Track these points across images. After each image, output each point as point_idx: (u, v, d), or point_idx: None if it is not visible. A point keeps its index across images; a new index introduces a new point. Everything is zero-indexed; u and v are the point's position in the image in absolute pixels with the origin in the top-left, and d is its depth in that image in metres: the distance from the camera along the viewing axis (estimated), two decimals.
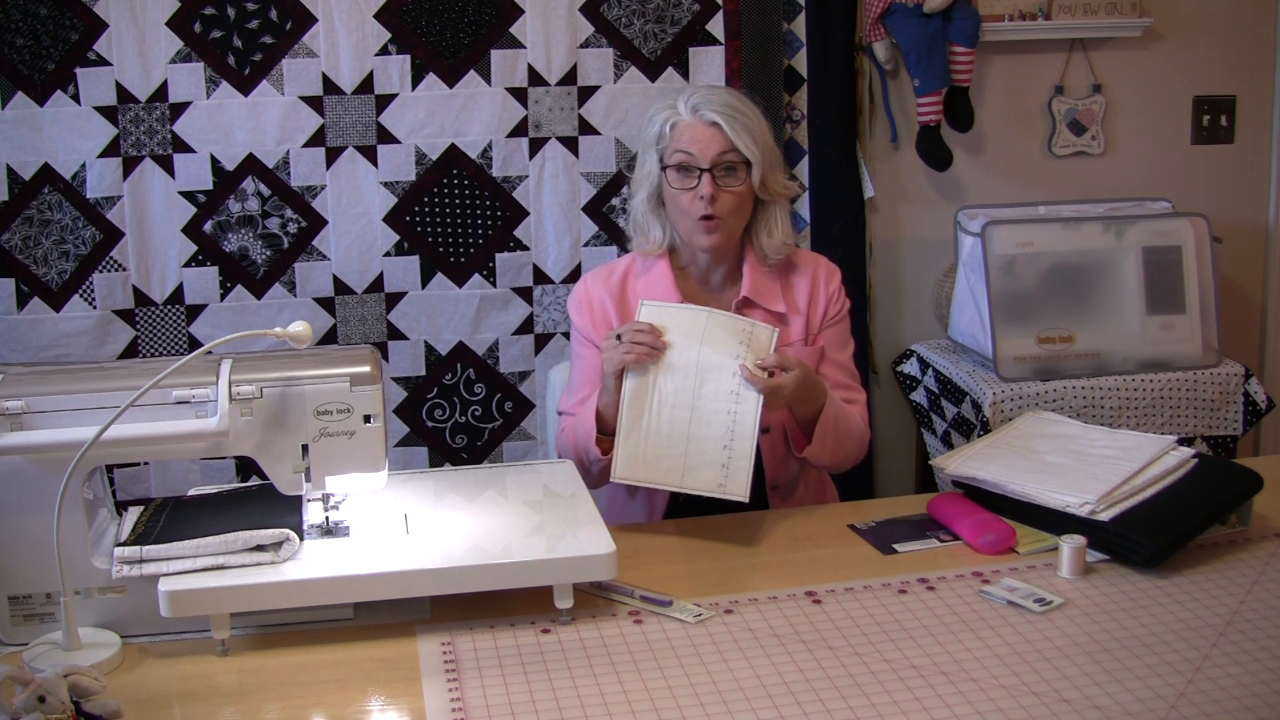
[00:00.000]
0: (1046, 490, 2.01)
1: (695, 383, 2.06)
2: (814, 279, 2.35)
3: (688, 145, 2.21)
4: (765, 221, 2.31)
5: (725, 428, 2.04)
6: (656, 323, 2.09)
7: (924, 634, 1.72)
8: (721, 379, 2.05)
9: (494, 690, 1.60)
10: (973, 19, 3.22)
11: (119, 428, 1.67)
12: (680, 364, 2.07)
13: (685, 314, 2.11)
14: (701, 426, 2.05)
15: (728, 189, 2.22)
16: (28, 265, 2.92)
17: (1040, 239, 3.06)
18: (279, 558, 1.73)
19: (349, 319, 3.07)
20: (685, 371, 2.06)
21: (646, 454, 2.07)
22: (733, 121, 2.21)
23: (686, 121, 2.24)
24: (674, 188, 2.24)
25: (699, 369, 2.06)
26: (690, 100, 2.25)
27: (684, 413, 2.06)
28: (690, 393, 2.06)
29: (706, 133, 2.21)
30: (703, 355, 2.06)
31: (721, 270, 2.33)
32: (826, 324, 2.34)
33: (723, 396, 2.05)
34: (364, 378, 1.78)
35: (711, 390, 2.05)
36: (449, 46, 3.00)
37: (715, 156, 2.20)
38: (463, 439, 3.17)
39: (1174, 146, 3.56)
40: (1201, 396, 3.04)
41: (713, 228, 2.22)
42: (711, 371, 2.06)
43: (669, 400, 2.06)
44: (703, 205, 2.20)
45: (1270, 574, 1.89)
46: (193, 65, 2.91)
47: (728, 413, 2.04)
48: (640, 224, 2.33)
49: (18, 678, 1.43)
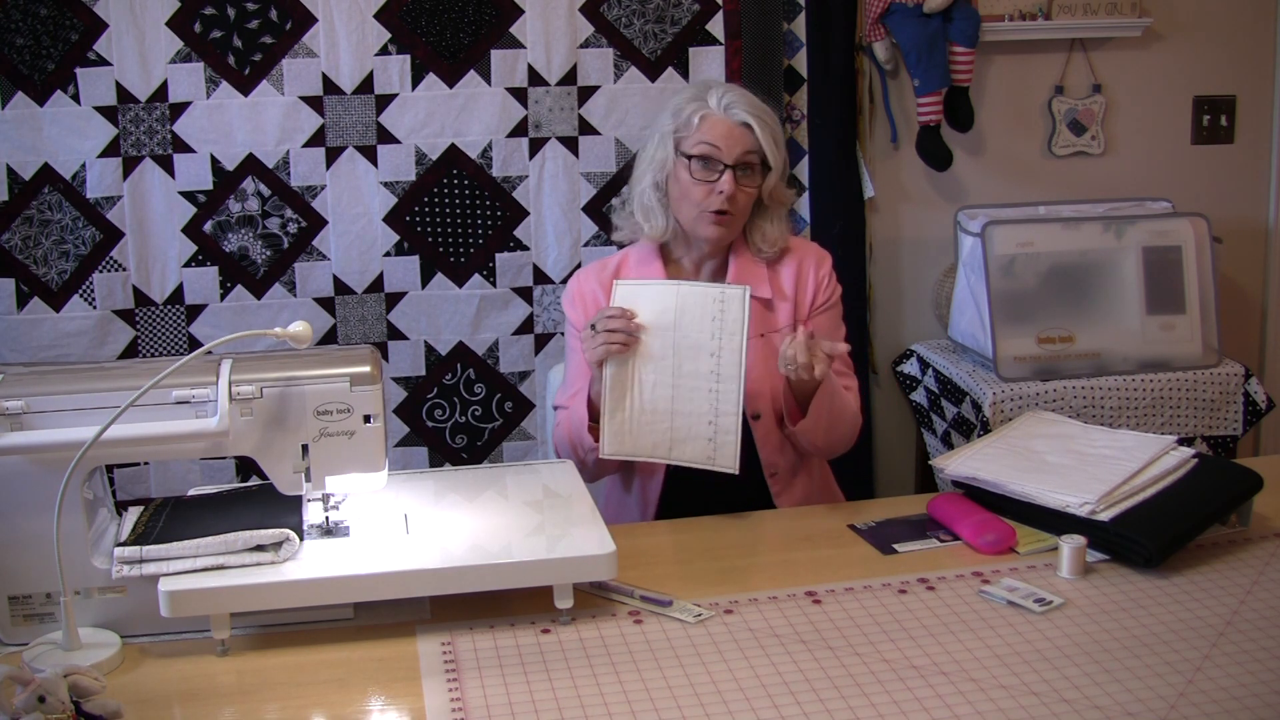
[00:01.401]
0: (1046, 490, 2.01)
1: (674, 364, 2.11)
2: (801, 264, 2.37)
3: (715, 139, 2.24)
4: (762, 221, 2.34)
5: (709, 405, 2.10)
6: (630, 303, 2.13)
7: (924, 634, 1.72)
8: (700, 359, 2.10)
9: (494, 690, 1.60)
10: (973, 19, 3.22)
11: (119, 428, 1.67)
12: (658, 348, 2.11)
13: (657, 290, 2.14)
14: (684, 403, 2.11)
15: (745, 188, 2.26)
16: (28, 265, 2.92)
17: (1040, 239, 3.06)
18: (279, 558, 1.73)
19: (349, 319, 3.07)
20: (663, 355, 2.11)
21: (632, 429, 2.13)
22: (763, 126, 2.26)
23: (717, 117, 2.27)
24: (693, 177, 2.26)
25: (675, 351, 2.11)
26: (722, 98, 2.28)
27: (666, 391, 2.11)
28: (670, 372, 2.11)
29: (737, 131, 2.25)
30: (679, 338, 2.10)
31: (713, 263, 2.36)
32: (817, 310, 2.35)
33: (703, 376, 2.10)
34: (364, 378, 1.78)
35: (691, 370, 2.10)
36: (449, 46, 3.00)
37: (740, 155, 2.24)
38: (463, 439, 3.17)
39: (1174, 146, 3.56)
40: (1201, 396, 3.04)
41: (724, 222, 2.25)
42: (689, 352, 2.10)
43: (650, 380, 2.12)
44: (719, 200, 2.23)
45: (1270, 574, 1.89)
46: (193, 65, 2.91)
47: (709, 391, 2.10)
48: (643, 209, 2.34)
49: (18, 678, 1.43)
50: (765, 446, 2.29)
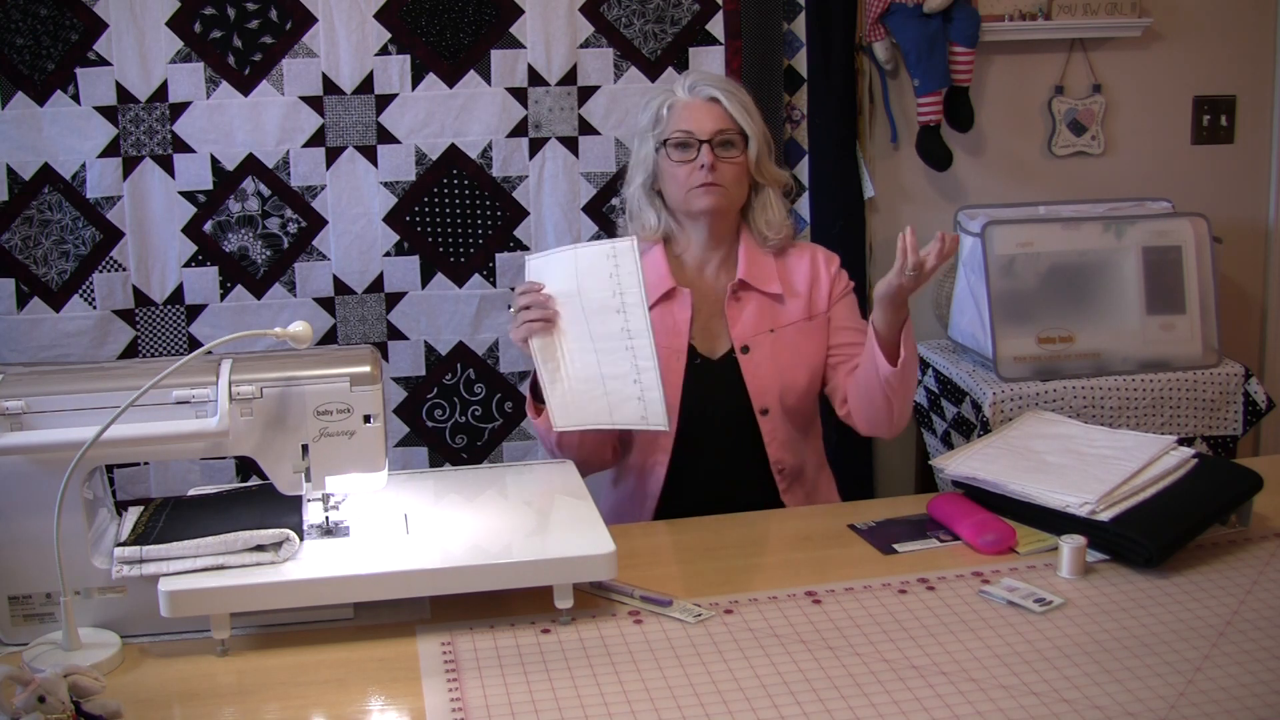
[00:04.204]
0: (1046, 490, 2.01)
1: (588, 329, 2.10)
2: (813, 262, 2.37)
3: (686, 122, 2.27)
4: (761, 204, 2.35)
5: (629, 364, 2.09)
6: (540, 277, 2.13)
7: (924, 634, 1.72)
8: (608, 319, 2.08)
9: (494, 690, 1.60)
10: (973, 19, 3.22)
11: (119, 428, 1.67)
12: (569, 316, 2.11)
13: (557, 259, 2.13)
14: (609, 366, 2.10)
15: (726, 160, 2.27)
16: (28, 265, 2.92)
17: (1040, 239, 3.06)
18: (279, 558, 1.73)
19: (349, 319, 3.07)
20: (575, 321, 2.10)
21: (574, 400, 2.13)
22: (730, 97, 2.28)
23: (684, 101, 2.30)
24: (673, 161, 2.28)
25: (585, 316, 2.10)
26: (686, 82, 2.32)
27: (590, 357, 2.11)
28: (588, 338, 2.10)
29: (704, 108, 2.28)
30: (585, 302, 2.09)
31: (718, 255, 2.35)
32: (836, 299, 2.36)
33: (615, 336, 2.09)
34: (364, 378, 1.78)
35: (604, 331, 2.09)
36: (449, 46, 3.00)
37: (713, 131, 2.26)
38: (463, 439, 3.17)
39: (1174, 146, 3.56)
40: (1201, 396, 3.04)
41: (712, 191, 2.26)
42: (597, 315, 2.09)
43: (572, 349, 2.11)
44: (703, 174, 2.24)
45: (1270, 574, 1.89)
46: (193, 65, 2.91)
47: (625, 349, 2.08)
48: (635, 210, 2.37)
49: (18, 678, 1.43)
50: (773, 443, 2.29)
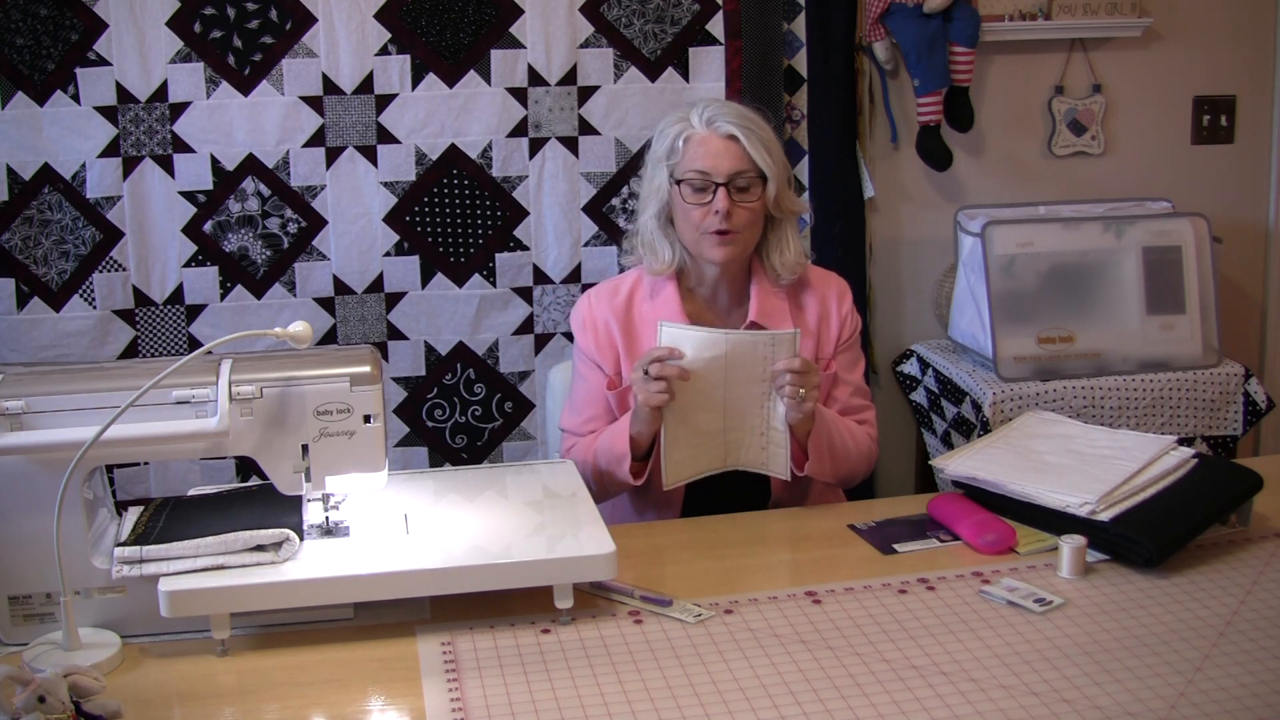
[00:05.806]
0: (1046, 490, 2.01)
1: (722, 395, 2.12)
2: (824, 300, 2.32)
3: (702, 161, 2.17)
4: (777, 241, 2.27)
5: (760, 420, 2.13)
6: (676, 344, 2.09)
7: (924, 634, 1.72)
8: (751, 387, 2.12)
9: (494, 690, 1.60)
10: (973, 19, 3.22)
11: (119, 428, 1.67)
12: (707, 389, 2.10)
13: (701, 337, 2.09)
14: (736, 419, 2.14)
15: (743, 204, 2.18)
16: (28, 265, 2.92)
17: (1040, 239, 3.06)
18: (279, 558, 1.73)
19: (349, 319, 3.07)
20: (710, 386, 2.10)
21: (690, 458, 2.15)
22: (749, 135, 2.17)
23: (701, 135, 2.20)
24: (687, 203, 2.19)
25: (724, 384, 2.11)
26: (704, 113, 2.20)
27: (715, 414, 2.14)
28: (718, 403, 2.12)
29: (722, 145, 2.17)
30: (729, 374, 2.10)
31: (728, 292, 2.30)
32: (841, 348, 2.32)
33: (753, 399, 2.12)
34: (364, 378, 1.78)
35: (740, 394, 2.12)
36: (449, 46, 3.00)
37: (731, 172, 2.16)
38: (463, 439, 3.17)
39: (1174, 146, 3.56)
40: (1201, 396, 3.04)
41: (726, 241, 2.18)
42: (739, 384, 2.11)
43: (701, 417, 2.13)
44: (717, 220, 2.16)
45: (1270, 574, 1.89)
46: (193, 65, 2.91)
47: (760, 408, 2.13)
48: (648, 241, 2.28)
49: (18, 678, 1.43)
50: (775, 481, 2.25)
